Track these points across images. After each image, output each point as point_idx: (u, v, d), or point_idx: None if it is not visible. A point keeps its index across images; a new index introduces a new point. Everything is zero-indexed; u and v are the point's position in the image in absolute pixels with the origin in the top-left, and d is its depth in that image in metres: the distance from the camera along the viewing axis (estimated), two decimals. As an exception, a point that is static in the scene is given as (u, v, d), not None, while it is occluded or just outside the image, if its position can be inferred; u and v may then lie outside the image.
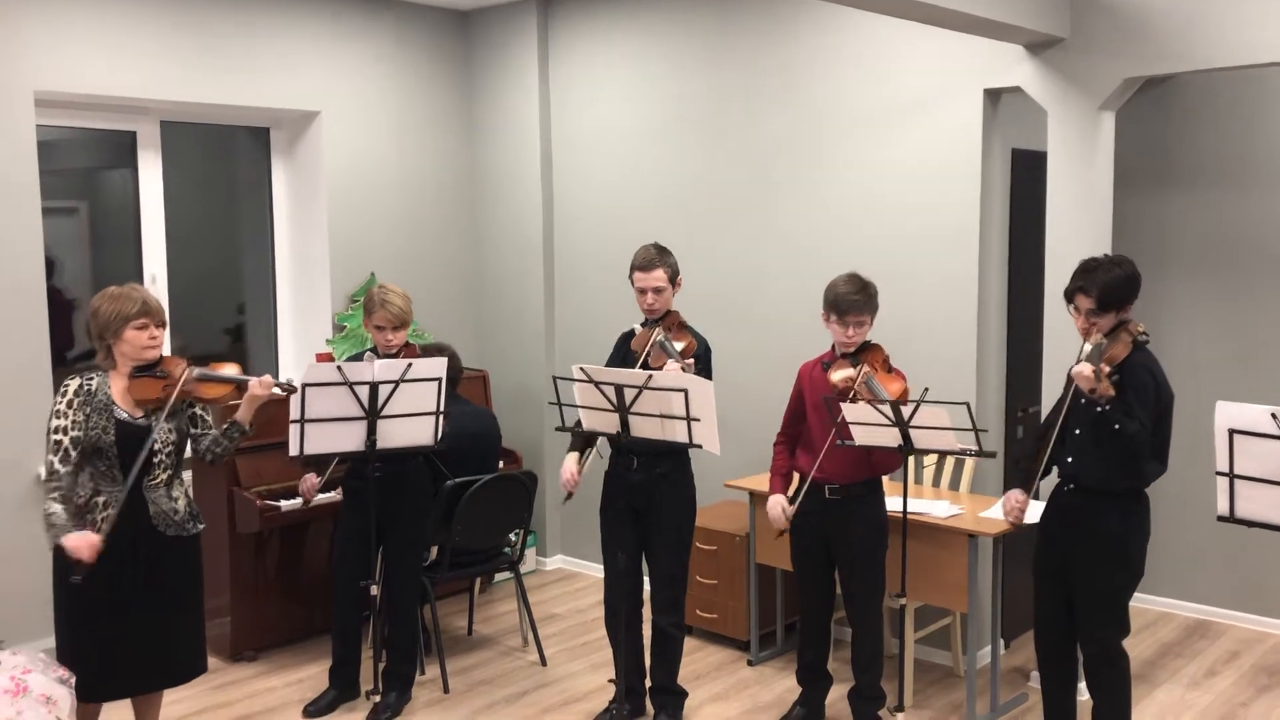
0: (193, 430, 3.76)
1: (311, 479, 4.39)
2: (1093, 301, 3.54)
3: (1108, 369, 3.39)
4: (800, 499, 4.06)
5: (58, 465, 3.44)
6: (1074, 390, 3.53)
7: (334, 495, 4.69)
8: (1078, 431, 3.62)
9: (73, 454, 3.45)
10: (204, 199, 5.91)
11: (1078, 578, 3.66)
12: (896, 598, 3.90)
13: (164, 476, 3.60)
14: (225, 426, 3.77)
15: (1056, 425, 3.60)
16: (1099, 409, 3.43)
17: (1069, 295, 3.63)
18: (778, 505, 4.07)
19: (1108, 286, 3.53)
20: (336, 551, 4.51)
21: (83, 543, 3.37)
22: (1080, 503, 3.64)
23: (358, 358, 4.27)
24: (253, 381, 3.71)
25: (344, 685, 4.50)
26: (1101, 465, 3.57)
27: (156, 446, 3.55)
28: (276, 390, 3.73)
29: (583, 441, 4.15)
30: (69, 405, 3.48)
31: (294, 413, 3.55)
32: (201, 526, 3.73)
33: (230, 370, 3.77)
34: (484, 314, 6.36)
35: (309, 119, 5.68)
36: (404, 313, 4.22)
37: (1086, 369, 3.38)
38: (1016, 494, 3.75)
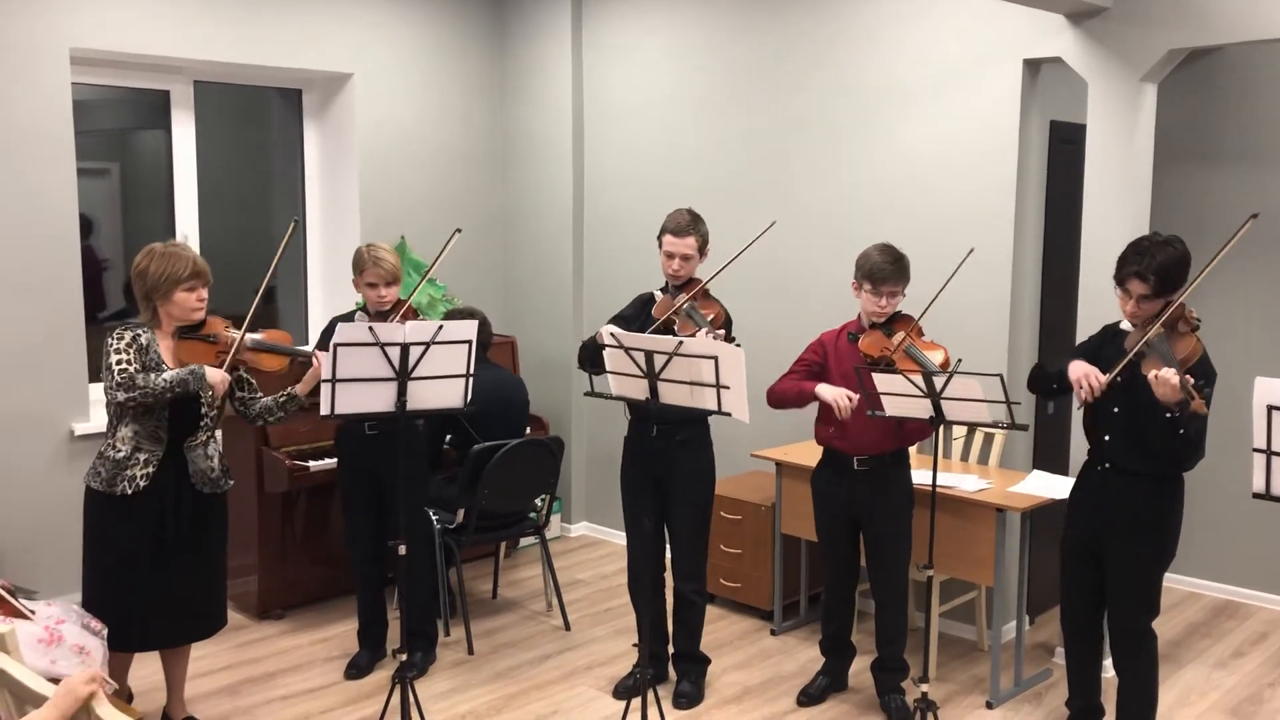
0: (239, 393, 3.79)
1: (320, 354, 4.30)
2: (1149, 287, 3.32)
3: (1191, 379, 3.15)
4: (820, 467, 4.04)
5: (132, 372, 3.45)
6: (1126, 369, 3.30)
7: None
8: (1115, 410, 3.51)
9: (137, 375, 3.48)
10: (236, 160, 5.92)
11: (1110, 558, 3.61)
12: (924, 570, 3.88)
13: (204, 437, 3.65)
14: (283, 398, 3.85)
15: (1117, 369, 3.32)
16: (1169, 414, 3.26)
17: (1120, 279, 3.41)
18: (841, 393, 3.82)
19: (1166, 269, 3.31)
20: (345, 516, 4.53)
21: (221, 378, 3.55)
22: (1116, 483, 3.57)
23: (348, 317, 4.28)
24: (317, 356, 3.74)
25: (374, 645, 4.55)
26: (1143, 451, 3.46)
27: (204, 409, 3.59)
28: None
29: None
30: (128, 347, 3.52)
31: (325, 372, 3.56)
32: (231, 483, 3.78)
33: (284, 341, 3.79)
34: (513, 280, 6.35)
35: (341, 81, 5.67)
36: (395, 269, 4.22)
37: (1173, 378, 3.12)
38: (1093, 368, 3.40)
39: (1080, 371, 3.43)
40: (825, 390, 3.90)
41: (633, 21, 5.79)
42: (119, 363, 3.48)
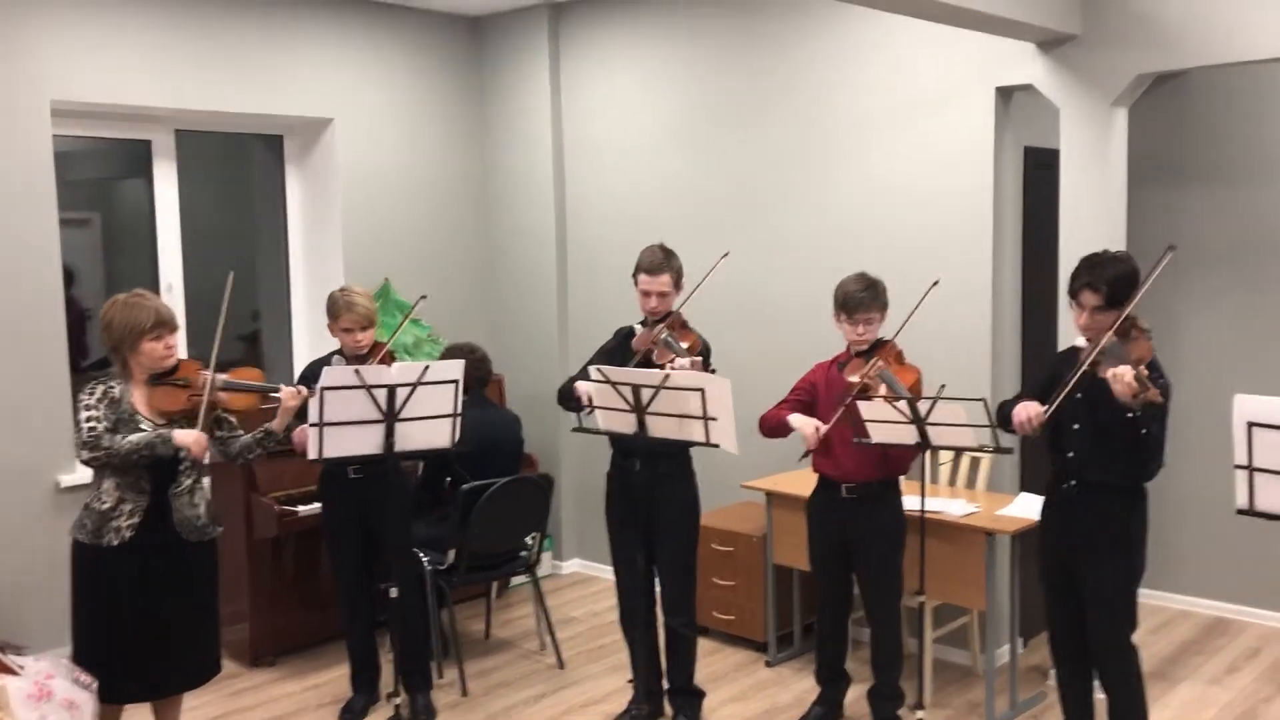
0: (219, 433, 3.78)
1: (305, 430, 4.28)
2: (1101, 298, 3.45)
3: (1146, 373, 3.25)
4: (814, 494, 4.06)
5: (99, 430, 3.44)
6: (1079, 382, 3.40)
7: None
8: (1076, 426, 3.57)
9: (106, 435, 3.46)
10: (218, 207, 5.94)
11: (1087, 575, 3.64)
12: (916, 596, 3.89)
13: (188, 483, 3.62)
14: (260, 435, 3.82)
15: (1060, 398, 3.42)
16: (1130, 414, 3.32)
17: (1073, 292, 3.54)
18: (809, 422, 3.93)
19: (1117, 281, 3.45)
20: (332, 560, 4.50)
21: (195, 439, 3.47)
22: (1084, 499, 3.61)
23: (324, 362, 4.25)
24: (285, 392, 3.74)
25: (368, 689, 4.51)
26: (1109, 462, 3.52)
27: (182, 455, 3.58)
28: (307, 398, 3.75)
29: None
30: (99, 402, 3.51)
31: (312, 416, 3.56)
32: (220, 530, 3.76)
33: (253, 379, 3.78)
34: (498, 318, 6.37)
35: (322, 126, 5.71)
36: (370, 312, 4.23)
37: (1129, 374, 3.21)
38: (1035, 405, 3.53)
39: (1021, 417, 3.52)
40: (795, 420, 3.97)
41: (610, 58, 5.85)
42: (87, 419, 3.47)
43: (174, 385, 3.61)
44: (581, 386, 3.89)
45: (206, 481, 4.24)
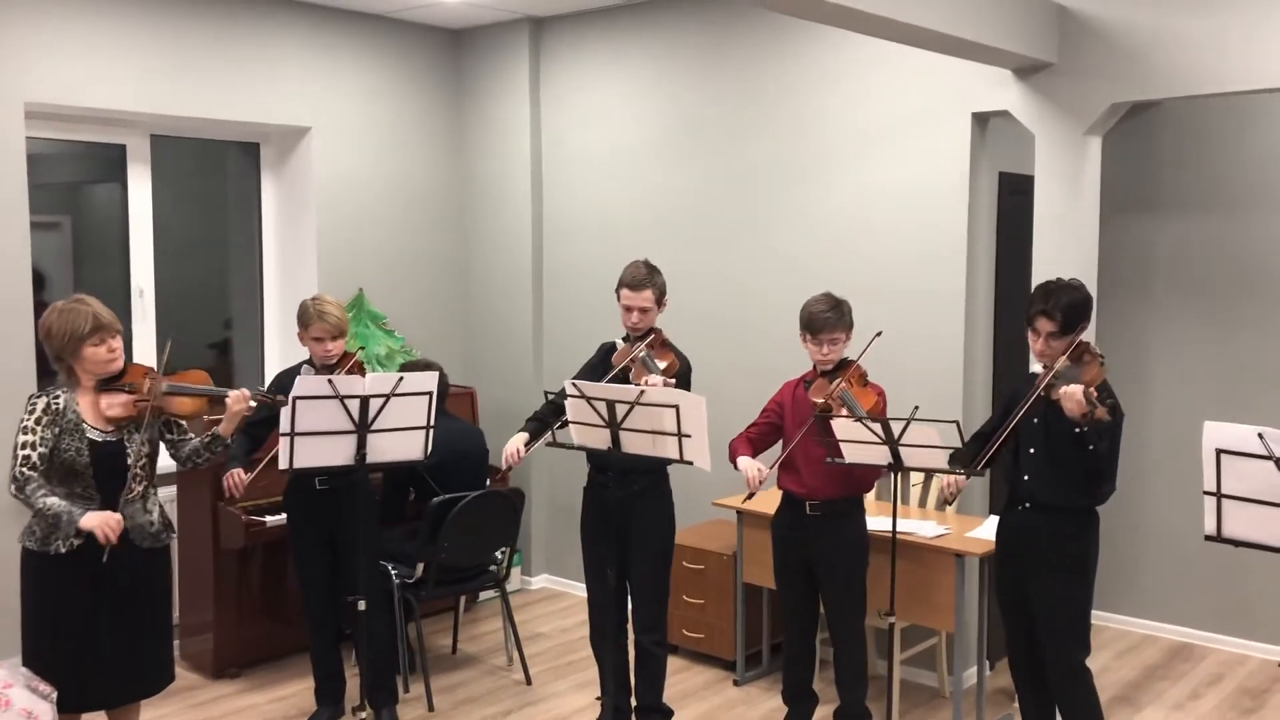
0: (168, 437, 3.73)
1: (238, 474, 4.20)
2: (1055, 324, 3.55)
3: (1095, 394, 3.39)
4: (779, 512, 4.07)
5: (28, 472, 3.40)
6: (1030, 409, 3.53)
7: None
8: (1032, 450, 3.65)
9: (39, 468, 3.42)
10: (192, 213, 5.89)
11: (1038, 597, 3.68)
12: (885, 617, 3.89)
13: (139, 489, 3.57)
14: (208, 440, 3.75)
15: (1013, 422, 3.56)
16: (1078, 430, 3.43)
17: (1029, 318, 3.64)
18: (753, 466, 3.97)
19: (1071, 308, 3.56)
20: (299, 572, 4.45)
21: (107, 520, 3.33)
22: (1038, 522, 3.66)
23: (294, 371, 4.21)
24: (231, 396, 3.68)
25: (332, 702, 4.47)
26: (1062, 484, 3.60)
27: (130, 461, 3.53)
28: (253, 403, 3.72)
29: (537, 428, 4.14)
30: (37, 422, 3.44)
31: (284, 425, 3.53)
32: (174, 536, 3.72)
33: (200, 382, 3.72)
34: (472, 331, 6.36)
35: (299, 134, 5.69)
36: (341, 322, 4.19)
37: (1078, 392, 3.34)
38: (960, 479, 3.83)
39: (946, 480, 3.87)
40: (741, 462, 4.02)
41: (590, 71, 5.87)
42: (23, 446, 3.41)
43: (120, 391, 3.55)
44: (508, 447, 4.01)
45: (173, 490, 4.20)
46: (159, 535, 3.63)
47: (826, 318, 3.93)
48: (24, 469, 3.40)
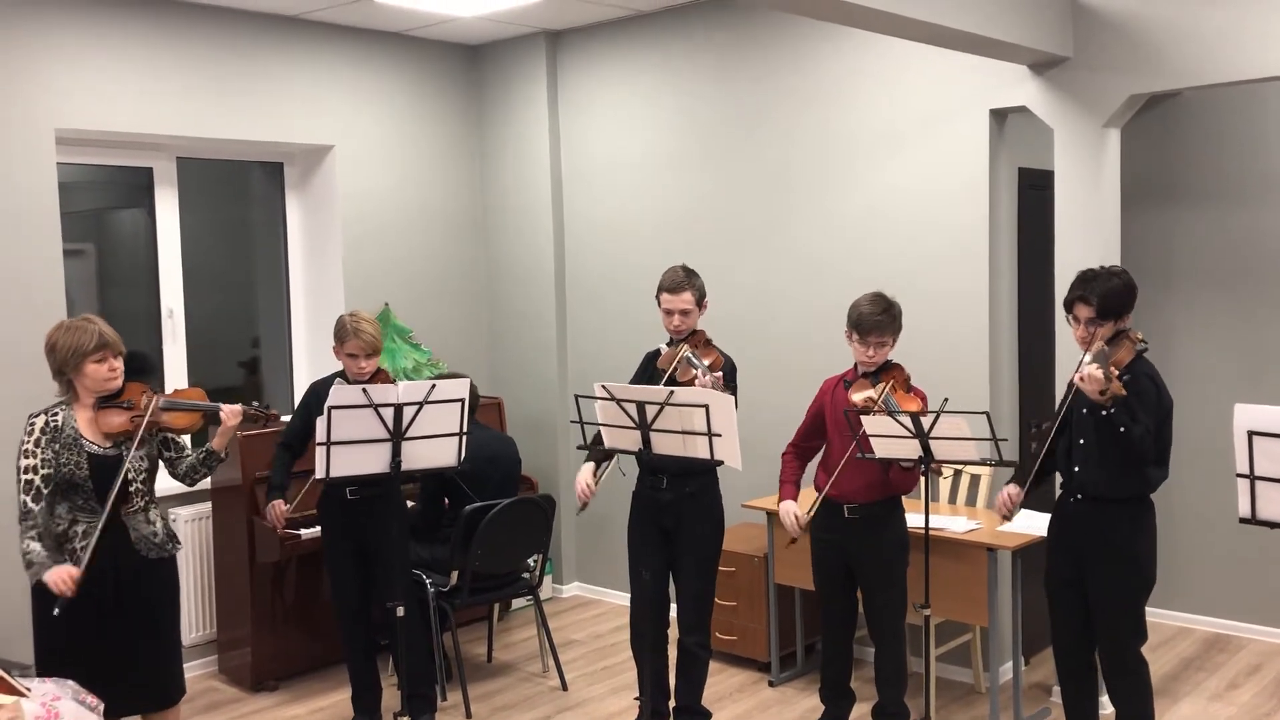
0: (166, 453, 3.80)
1: (280, 506, 4.38)
2: (1093, 310, 3.60)
3: (1115, 371, 3.43)
4: (814, 512, 4.09)
5: (30, 504, 3.48)
6: (1076, 398, 3.57)
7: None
8: (1082, 441, 3.67)
9: (44, 491, 3.49)
10: (218, 234, 5.97)
11: (1092, 588, 3.68)
12: (920, 608, 3.90)
13: (141, 503, 3.64)
14: (202, 455, 3.80)
15: (1054, 428, 3.66)
16: (1104, 412, 3.46)
17: (1068, 305, 3.70)
18: (790, 513, 4.07)
19: (1107, 294, 3.59)
20: (332, 583, 4.50)
21: (63, 576, 3.39)
22: (1088, 512, 3.68)
23: (329, 380, 4.29)
24: (224, 411, 3.74)
25: (370, 712, 4.50)
26: (1107, 472, 3.62)
27: (130, 476, 3.59)
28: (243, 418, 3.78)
29: (600, 455, 4.19)
30: (36, 444, 3.52)
31: (320, 435, 3.58)
32: (180, 547, 3.78)
33: (196, 398, 3.79)
34: (498, 342, 6.40)
35: (322, 153, 5.76)
36: (375, 340, 4.25)
37: (1095, 369, 3.40)
38: (1011, 488, 3.81)
39: (999, 501, 3.86)
40: (782, 509, 4.12)
41: (607, 81, 5.92)
42: (27, 470, 3.48)
43: (118, 408, 3.62)
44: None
45: (207, 506, 4.24)
46: (164, 545, 3.69)
47: (878, 320, 3.91)
48: (27, 499, 3.48)
